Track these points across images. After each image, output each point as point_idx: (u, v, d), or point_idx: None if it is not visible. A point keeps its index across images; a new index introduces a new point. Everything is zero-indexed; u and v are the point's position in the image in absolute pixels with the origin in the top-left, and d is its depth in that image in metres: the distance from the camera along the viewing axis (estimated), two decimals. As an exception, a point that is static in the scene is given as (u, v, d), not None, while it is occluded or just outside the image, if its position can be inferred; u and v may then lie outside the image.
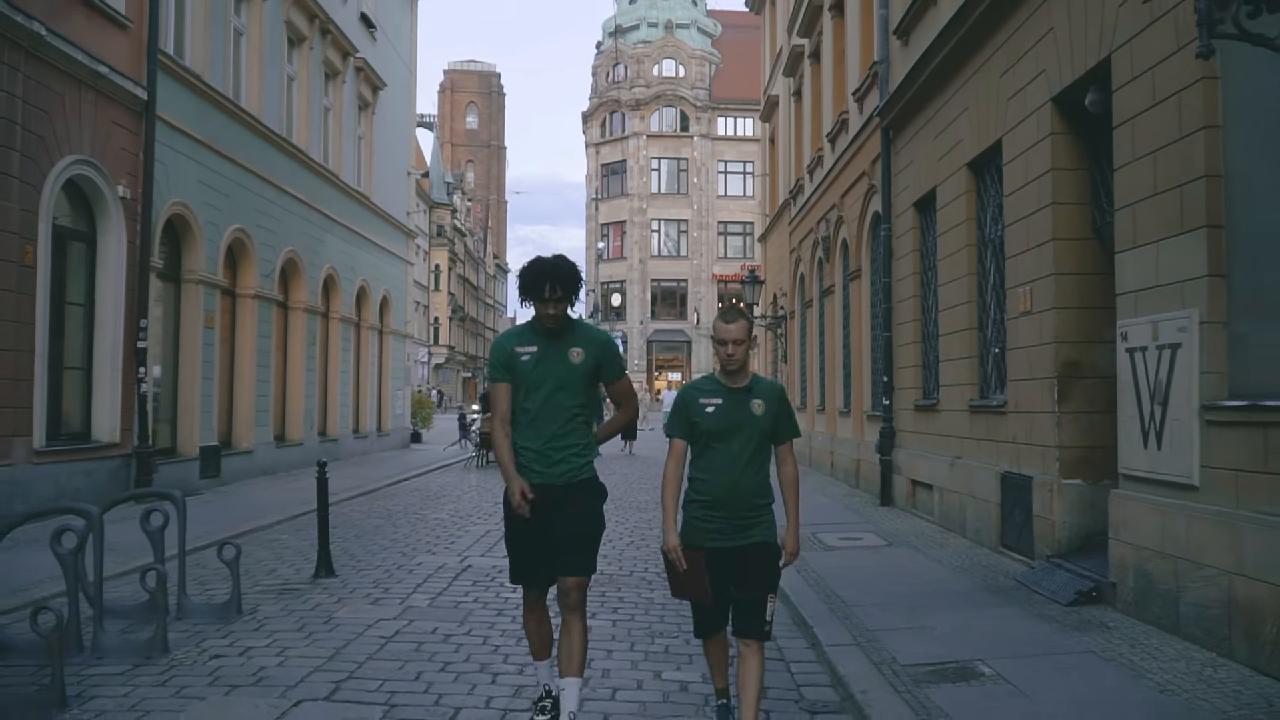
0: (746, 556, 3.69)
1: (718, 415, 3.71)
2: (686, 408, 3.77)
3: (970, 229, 8.93)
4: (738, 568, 3.68)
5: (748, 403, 3.73)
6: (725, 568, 3.68)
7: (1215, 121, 5.07)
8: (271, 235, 15.16)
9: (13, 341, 9.17)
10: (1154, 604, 5.43)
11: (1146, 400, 5.59)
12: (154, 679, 4.55)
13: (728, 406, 3.72)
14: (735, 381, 3.76)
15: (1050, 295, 7.01)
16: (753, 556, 3.69)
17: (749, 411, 3.72)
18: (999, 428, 8.07)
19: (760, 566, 3.71)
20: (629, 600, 6.48)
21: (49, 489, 9.60)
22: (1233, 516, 4.78)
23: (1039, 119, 7.19)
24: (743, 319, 3.79)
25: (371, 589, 6.72)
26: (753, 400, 3.74)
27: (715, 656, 3.90)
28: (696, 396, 3.78)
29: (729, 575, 3.70)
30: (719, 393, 3.76)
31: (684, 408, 3.78)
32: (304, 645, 5.21)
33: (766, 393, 3.79)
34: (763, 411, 3.73)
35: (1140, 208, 5.70)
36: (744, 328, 3.75)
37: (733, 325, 3.72)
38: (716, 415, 3.71)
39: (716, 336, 3.75)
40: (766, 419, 3.74)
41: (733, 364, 3.72)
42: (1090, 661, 4.85)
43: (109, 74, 10.53)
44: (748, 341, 3.77)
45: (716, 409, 3.72)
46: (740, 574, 3.69)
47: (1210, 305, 5.06)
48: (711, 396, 3.75)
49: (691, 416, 3.74)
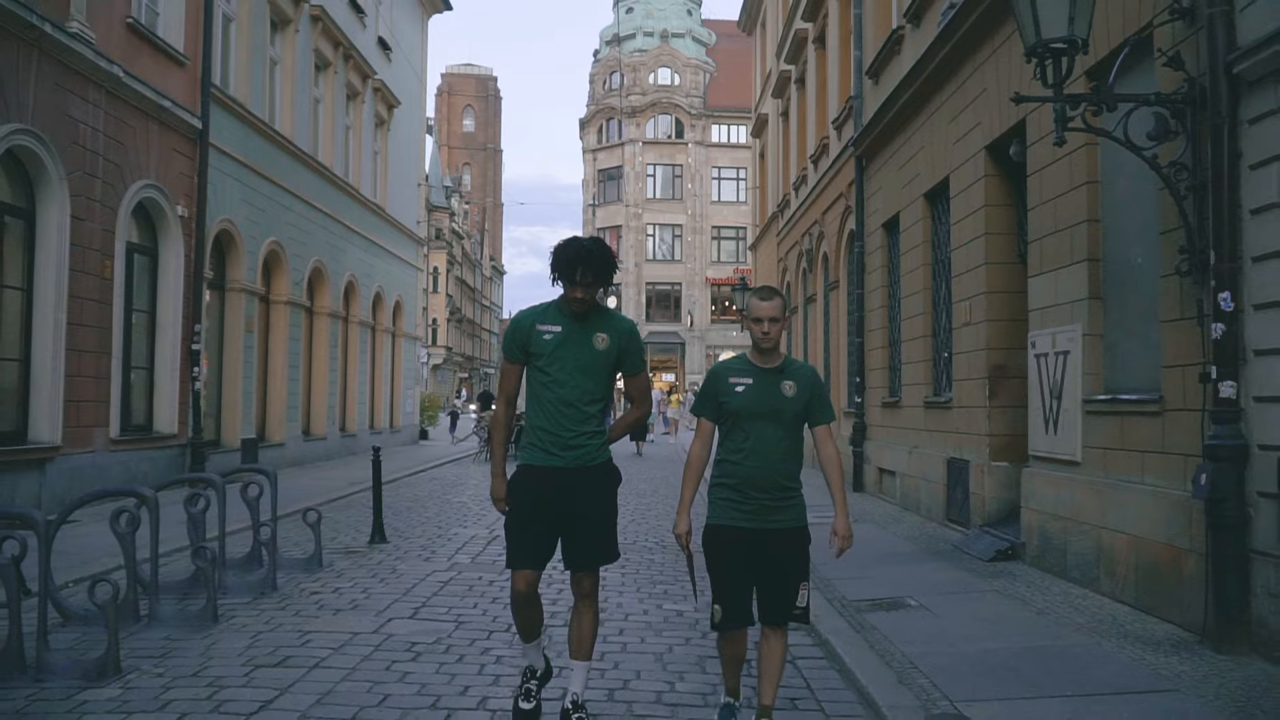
0: (776, 541, 3.59)
1: (747, 395, 3.59)
2: (715, 386, 3.66)
3: (926, 250, 10.36)
4: (768, 552, 3.59)
5: (779, 384, 3.61)
6: (753, 551, 3.58)
7: (1095, 178, 6.51)
8: (301, 246, 16.54)
9: (95, 344, 10.55)
10: (1050, 556, 6.86)
11: (1047, 395, 7.03)
12: (274, 607, 5.95)
13: (758, 387, 3.60)
14: (767, 361, 3.65)
15: (983, 309, 8.44)
16: (783, 542, 3.60)
17: (780, 393, 3.60)
18: (946, 420, 9.49)
19: (791, 551, 3.62)
20: (634, 560, 7.88)
21: (121, 473, 10.96)
22: (1101, 484, 6.21)
23: (976, 162, 8.62)
24: (778, 296, 3.66)
25: (421, 551, 8.12)
26: (784, 382, 3.61)
27: (730, 653, 3.74)
28: (726, 375, 3.66)
29: (756, 560, 3.60)
30: (750, 372, 3.64)
31: (712, 386, 3.67)
32: (380, 586, 6.62)
33: (799, 375, 3.67)
34: (794, 394, 3.61)
35: (1045, 242, 7.13)
36: (779, 305, 3.62)
37: (768, 303, 3.61)
38: (746, 395, 3.59)
39: (751, 315, 3.64)
40: (799, 402, 3.62)
41: (768, 342, 3.60)
42: (992, 597, 6.27)
43: (172, 107, 11.92)
44: (783, 320, 3.66)
45: (746, 389, 3.60)
46: (770, 559, 3.60)
47: (1090, 321, 6.49)
48: (742, 376, 3.63)
49: (719, 396, 3.64)
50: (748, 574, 3.62)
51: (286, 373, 16.01)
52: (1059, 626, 5.46)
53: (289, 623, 5.56)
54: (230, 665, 4.66)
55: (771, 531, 3.58)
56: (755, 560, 3.60)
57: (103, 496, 5.77)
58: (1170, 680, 4.41)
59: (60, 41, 9.62)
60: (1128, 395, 6.03)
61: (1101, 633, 5.26)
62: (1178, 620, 5.29)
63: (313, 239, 17.14)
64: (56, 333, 9.77)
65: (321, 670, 4.62)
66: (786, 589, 3.60)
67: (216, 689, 4.31)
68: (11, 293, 9.53)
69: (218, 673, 4.54)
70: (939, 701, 4.19)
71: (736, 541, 3.58)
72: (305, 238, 16.76)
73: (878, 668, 4.68)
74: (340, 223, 18.64)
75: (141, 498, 5.42)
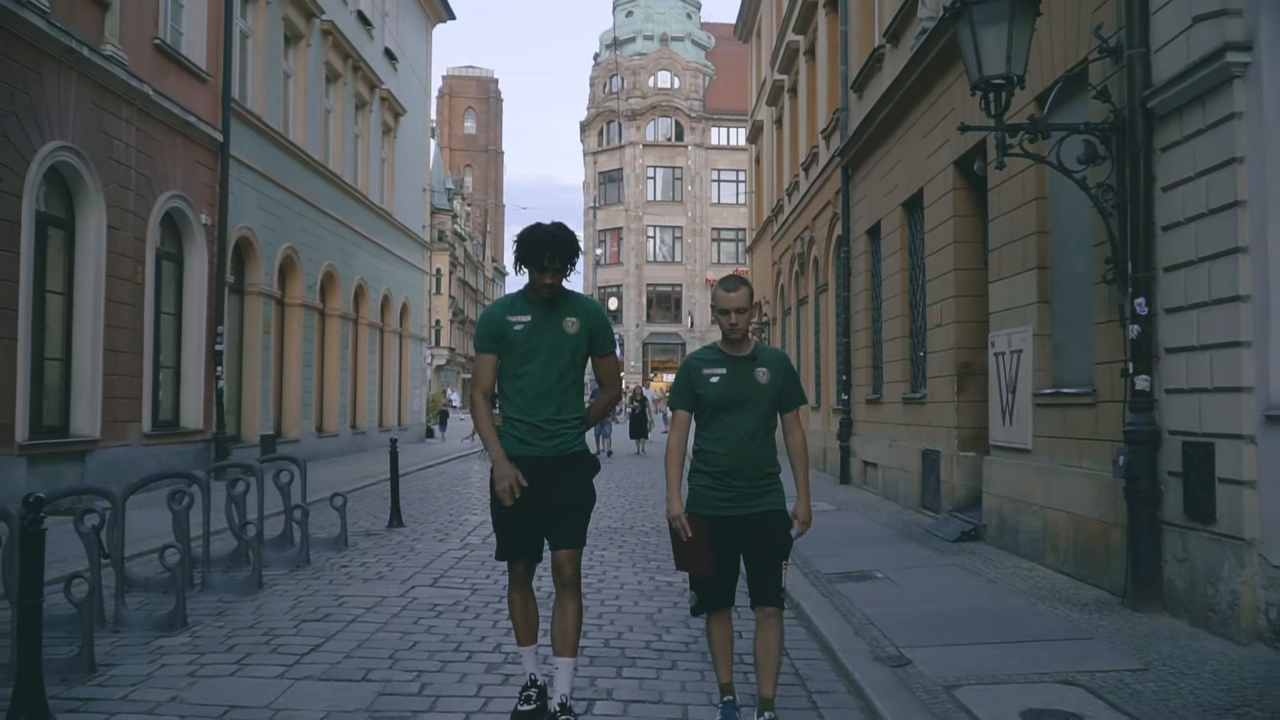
0: (758, 524, 3.64)
1: (722, 385, 3.62)
2: (690, 378, 3.69)
3: (904, 256, 11.09)
4: (749, 536, 3.65)
5: (752, 371, 3.65)
6: (734, 536, 3.64)
7: (1044, 195, 7.23)
8: (314, 251, 17.30)
9: (129, 345, 11.29)
10: (1006, 536, 7.59)
11: (1004, 390, 7.75)
12: (310, 577, 6.69)
13: (732, 376, 3.63)
14: (738, 350, 3.68)
15: (953, 312, 9.16)
16: (765, 524, 3.65)
17: (754, 380, 3.64)
18: (921, 415, 10.22)
19: (773, 533, 3.66)
20: (630, 541, 8.61)
21: (153, 465, 11.66)
22: (1047, 469, 6.94)
23: (946, 176, 9.35)
24: (744, 286, 3.69)
25: (435, 534, 8.86)
26: (757, 369, 3.65)
27: (719, 641, 3.74)
28: (700, 367, 3.69)
29: (738, 544, 3.67)
30: (722, 362, 3.67)
31: (687, 379, 3.71)
32: (402, 561, 7.36)
33: (771, 360, 3.72)
34: (768, 380, 3.65)
35: (1003, 250, 7.86)
36: (745, 295, 3.66)
37: (734, 294, 3.64)
38: (721, 385, 3.62)
39: (718, 306, 3.66)
40: (773, 387, 3.66)
41: (736, 333, 3.64)
42: (951, 570, 7.00)
43: (196, 122, 12.67)
44: (750, 310, 3.68)
45: (721, 379, 3.63)
46: (752, 542, 3.66)
47: (1039, 322, 7.22)
48: (715, 366, 3.66)
49: (695, 388, 3.67)
50: (729, 561, 3.68)
51: (301, 372, 16.76)
52: (1003, 593, 6.19)
53: (325, 589, 6.30)
54: (279, 620, 5.41)
55: (752, 515, 3.63)
56: (738, 545, 3.66)
57: (160, 479, 6.52)
58: (1088, 631, 5.13)
59: (96, 63, 10.37)
60: (1069, 389, 6.76)
61: (1039, 597, 5.99)
62: (1106, 586, 6.01)
63: (324, 244, 17.89)
64: (95, 334, 10.52)
65: (358, 624, 5.36)
66: (771, 569, 3.66)
67: (271, 636, 5.06)
68: (54, 297, 10.27)
69: (270, 626, 5.28)
70: (886, 648, 4.90)
71: (713, 529, 3.62)
72: (317, 243, 17.51)
73: (839, 624, 5.41)
74: (350, 228, 19.39)
75: (195, 480, 6.16)
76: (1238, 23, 4.87)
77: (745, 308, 3.65)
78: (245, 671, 4.46)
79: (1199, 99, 5.13)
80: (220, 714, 3.88)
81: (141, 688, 4.20)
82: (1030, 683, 4.27)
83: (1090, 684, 4.22)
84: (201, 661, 4.60)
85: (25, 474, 9.30)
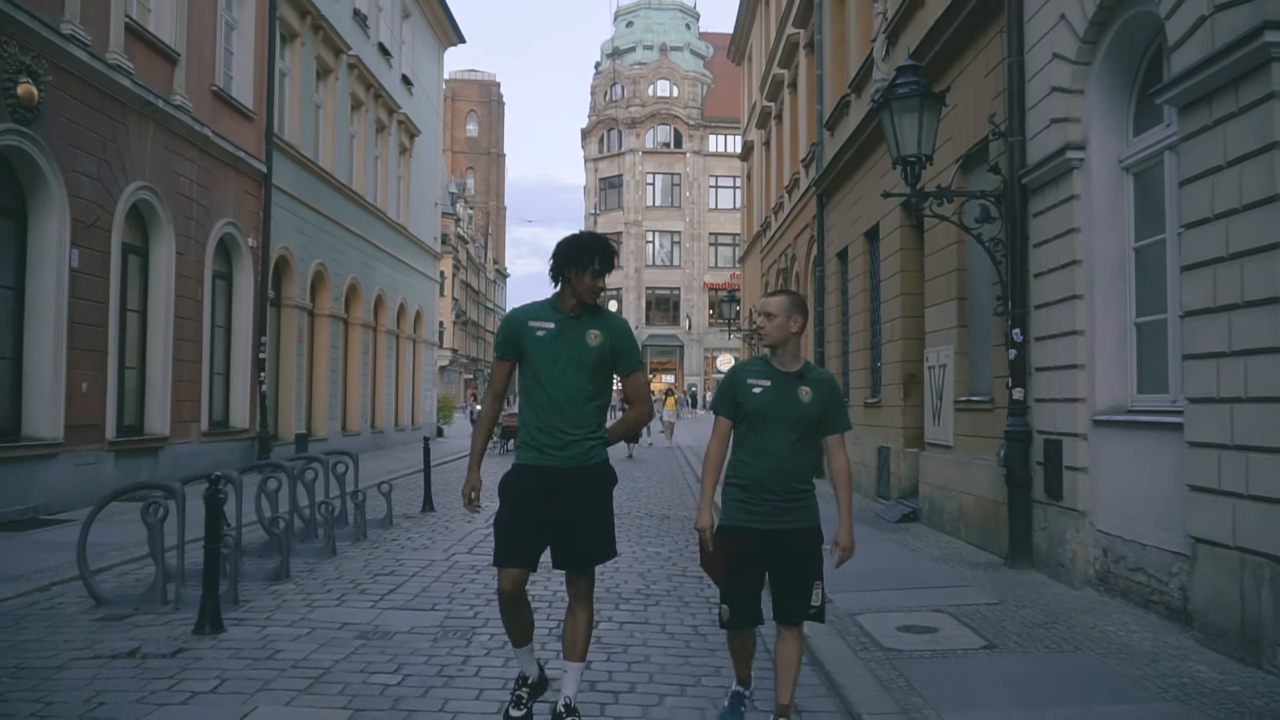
0: (788, 541, 3.62)
1: (764, 397, 3.62)
2: (733, 387, 3.70)
3: (866, 279, 12.76)
4: (779, 551, 3.63)
5: (796, 388, 3.63)
6: (765, 551, 3.63)
7: (962, 239, 8.90)
8: (340, 266, 18.98)
9: (190, 355, 12.98)
10: (934, 517, 9.27)
11: (935, 397, 9.43)
12: (370, 546, 8.37)
13: (775, 390, 3.63)
14: (786, 365, 3.67)
15: (899, 330, 10.83)
16: (794, 541, 3.63)
17: (797, 398, 3.62)
18: (878, 417, 11.89)
19: (802, 551, 3.64)
20: (628, 523, 10.27)
21: (209, 461, 13.37)
22: (962, 461, 8.61)
23: (895, 215, 11.01)
24: (784, 295, 3.70)
25: (464, 516, 10.54)
26: (801, 387, 3.64)
27: (741, 647, 3.80)
28: (745, 377, 3.69)
29: (768, 559, 3.65)
30: (768, 374, 3.66)
31: (730, 387, 3.71)
32: (440, 536, 9.04)
33: (817, 381, 3.70)
34: (811, 399, 3.63)
35: (934, 281, 9.53)
36: (782, 303, 3.67)
37: (769, 299, 3.68)
38: (763, 397, 3.62)
39: (758, 310, 3.75)
40: (815, 407, 3.64)
41: (766, 339, 3.68)
42: (885, 544, 8.67)
43: (245, 157, 14.35)
44: (785, 320, 3.66)
45: (764, 390, 3.63)
46: (783, 559, 3.64)
47: (958, 342, 8.89)
48: (760, 378, 3.66)
49: (737, 396, 3.67)
50: (758, 575, 3.66)
51: (328, 376, 18.45)
52: (920, 558, 7.86)
53: (385, 555, 7.98)
54: (358, 575, 7.09)
55: (784, 531, 3.62)
56: (768, 560, 3.65)
57: (251, 470, 8.18)
58: (969, 581, 6.80)
59: (168, 112, 12.05)
60: (976, 397, 8.43)
61: (945, 560, 7.66)
62: (997, 552, 7.69)
63: (348, 258, 19.57)
64: (166, 346, 12.21)
65: (417, 578, 7.03)
66: (801, 588, 3.64)
67: (355, 584, 6.74)
68: (132, 315, 11.95)
69: (351, 578, 6.96)
70: (816, 592, 6.57)
71: (747, 543, 3.63)
72: (342, 258, 19.19)
73: (785, 578, 7.07)
74: (370, 243, 21.06)
75: (283, 469, 7.83)
76: (1077, 127, 6.55)
77: (775, 314, 3.68)
78: (346, 603, 6.14)
79: (1053, 181, 6.80)
80: (338, 627, 5.55)
81: (275, 614, 5.87)
82: (912, 610, 5.95)
83: (954, 612, 5.90)
84: (310, 600, 6.27)
85: (114, 466, 10.98)
